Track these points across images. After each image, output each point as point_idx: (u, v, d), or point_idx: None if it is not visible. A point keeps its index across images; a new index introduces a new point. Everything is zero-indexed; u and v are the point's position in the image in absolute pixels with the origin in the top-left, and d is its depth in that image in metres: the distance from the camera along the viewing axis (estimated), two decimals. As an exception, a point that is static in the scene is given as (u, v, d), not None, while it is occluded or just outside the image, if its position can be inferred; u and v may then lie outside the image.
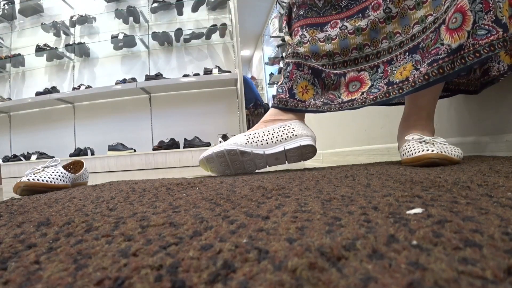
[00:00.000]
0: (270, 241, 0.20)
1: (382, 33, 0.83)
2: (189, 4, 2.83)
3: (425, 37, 0.75)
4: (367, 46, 0.84)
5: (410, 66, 0.77)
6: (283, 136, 0.83)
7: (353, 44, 0.86)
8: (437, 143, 0.69)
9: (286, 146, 0.82)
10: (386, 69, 0.82)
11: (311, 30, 0.91)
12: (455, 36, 0.68)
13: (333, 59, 0.88)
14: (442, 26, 0.71)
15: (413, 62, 0.77)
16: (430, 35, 0.74)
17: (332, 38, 0.87)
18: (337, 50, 0.88)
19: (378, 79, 0.83)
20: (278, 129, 0.85)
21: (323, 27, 0.90)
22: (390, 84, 0.79)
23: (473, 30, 0.66)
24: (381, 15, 0.81)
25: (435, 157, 0.63)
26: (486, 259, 0.15)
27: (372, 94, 0.82)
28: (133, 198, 0.45)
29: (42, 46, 2.91)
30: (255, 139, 0.83)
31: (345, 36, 0.86)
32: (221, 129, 2.77)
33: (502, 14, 0.65)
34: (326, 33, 0.88)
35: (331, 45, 0.88)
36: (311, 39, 0.90)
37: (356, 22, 0.84)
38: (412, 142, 0.71)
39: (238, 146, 0.81)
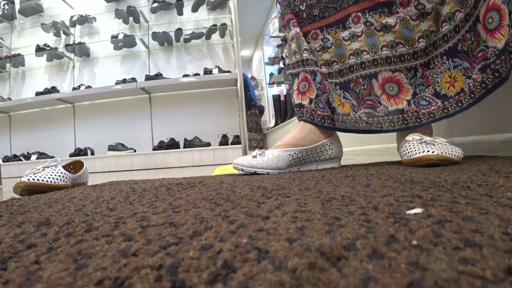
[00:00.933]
0: (270, 241, 0.20)
1: (417, 32, 0.76)
2: (189, 4, 2.83)
3: (461, 38, 0.71)
4: (400, 44, 0.78)
5: (461, 76, 0.72)
6: (321, 157, 0.87)
7: (382, 42, 0.80)
8: (438, 143, 0.69)
9: (319, 166, 0.88)
10: (425, 74, 0.77)
11: (333, 30, 0.85)
12: (497, 35, 0.65)
13: (361, 58, 0.82)
14: (478, 25, 0.67)
15: (461, 70, 0.71)
16: (467, 36, 0.69)
17: (358, 35, 0.82)
18: (364, 48, 0.82)
19: (419, 85, 0.78)
20: (319, 148, 0.87)
21: (344, 23, 0.83)
22: (442, 97, 0.74)
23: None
24: (413, 12, 0.75)
25: (436, 158, 0.64)
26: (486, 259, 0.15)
27: (423, 108, 0.76)
28: (133, 198, 0.45)
29: (42, 46, 2.91)
30: (297, 160, 0.85)
31: (372, 33, 0.81)
32: (221, 129, 2.77)
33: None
34: (349, 30, 0.83)
35: (357, 43, 0.82)
36: (335, 41, 0.85)
37: (382, 18, 0.78)
38: (412, 143, 0.71)
39: (280, 170, 0.83)
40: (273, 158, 0.82)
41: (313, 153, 0.86)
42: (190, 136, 2.73)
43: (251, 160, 0.82)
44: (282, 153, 0.83)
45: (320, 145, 0.87)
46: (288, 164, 0.84)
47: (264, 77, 5.01)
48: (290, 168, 0.85)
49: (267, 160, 0.82)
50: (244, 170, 0.83)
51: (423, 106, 0.76)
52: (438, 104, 0.74)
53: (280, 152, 0.83)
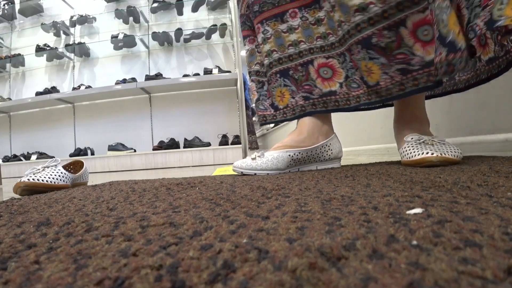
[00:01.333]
0: (270, 241, 0.20)
1: (335, 21, 0.81)
2: (189, 4, 2.83)
3: (377, 32, 0.70)
4: (330, 34, 0.84)
5: (377, 69, 0.74)
6: (320, 158, 0.89)
7: (316, 33, 0.86)
8: (436, 143, 0.69)
9: (319, 166, 0.90)
10: (352, 58, 0.81)
11: (272, 23, 0.90)
12: (429, 48, 0.66)
13: (299, 47, 0.89)
14: (401, 28, 0.67)
15: (378, 64, 0.73)
16: (386, 33, 0.69)
17: (295, 28, 0.88)
18: (301, 39, 0.89)
19: (350, 69, 0.82)
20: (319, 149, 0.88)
21: (282, 17, 0.89)
22: (367, 84, 0.77)
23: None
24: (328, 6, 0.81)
25: (435, 160, 0.64)
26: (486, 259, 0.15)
27: (354, 90, 0.81)
28: (133, 198, 0.45)
29: (42, 46, 2.91)
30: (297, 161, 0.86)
31: (308, 27, 0.87)
32: (221, 129, 2.77)
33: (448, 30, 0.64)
34: (287, 23, 0.89)
35: (295, 35, 0.89)
36: (274, 32, 0.90)
37: (315, 13, 0.85)
38: (411, 144, 0.71)
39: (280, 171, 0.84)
40: (272, 159, 0.83)
41: (313, 154, 0.87)
42: (190, 136, 2.73)
43: (251, 162, 0.83)
44: (282, 154, 0.83)
45: (319, 145, 0.87)
46: (288, 165, 0.84)
47: (264, 77, 4.99)
48: (290, 169, 0.85)
49: (267, 162, 0.82)
50: (244, 173, 0.83)
51: (354, 88, 0.81)
52: (364, 89, 0.79)
53: (279, 153, 0.83)
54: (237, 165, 0.84)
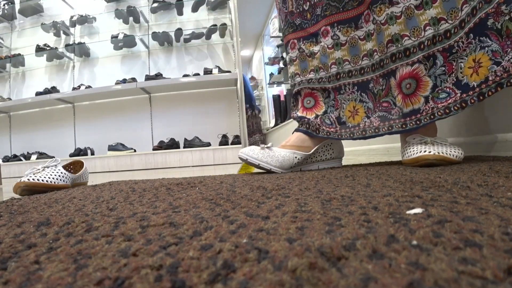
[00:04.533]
0: (270, 241, 0.20)
1: (331, 58, 0.85)
2: (189, 4, 2.83)
3: (375, 78, 0.77)
4: (321, 69, 0.89)
5: (362, 111, 0.80)
6: (322, 157, 0.89)
7: (310, 66, 0.91)
8: (438, 143, 0.69)
9: (320, 166, 0.90)
10: (336, 97, 0.86)
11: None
12: (407, 101, 0.71)
13: (294, 78, 0.92)
14: (392, 78, 0.74)
15: (364, 107, 0.79)
16: (380, 81, 0.76)
17: (293, 59, 0.93)
18: (297, 71, 0.93)
19: (331, 106, 0.87)
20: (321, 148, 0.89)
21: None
22: (342, 125, 0.84)
23: (433, 94, 0.68)
24: (329, 41, 0.84)
25: (432, 158, 0.64)
26: (486, 259, 0.15)
27: (326, 126, 0.87)
28: (133, 198, 0.45)
29: (42, 46, 2.91)
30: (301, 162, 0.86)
31: (304, 59, 0.91)
32: (221, 129, 2.77)
33: (463, 74, 0.63)
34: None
35: (293, 67, 0.94)
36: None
37: (311, 46, 0.89)
38: (412, 143, 0.71)
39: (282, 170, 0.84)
40: (278, 156, 0.84)
41: (315, 154, 0.87)
42: (190, 136, 2.73)
43: (258, 152, 0.83)
44: (289, 155, 0.85)
45: (321, 145, 0.88)
46: (292, 166, 0.85)
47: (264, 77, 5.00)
48: (293, 168, 0.86)
49: (273, 157, 0.83)
50: (249, 160, 0.83)
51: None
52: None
53: (286, 153, 0.85)
54: (244, 152, 0.85)
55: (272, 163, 0.82)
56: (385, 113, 0.76)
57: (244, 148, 0.86)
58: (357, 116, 0.80)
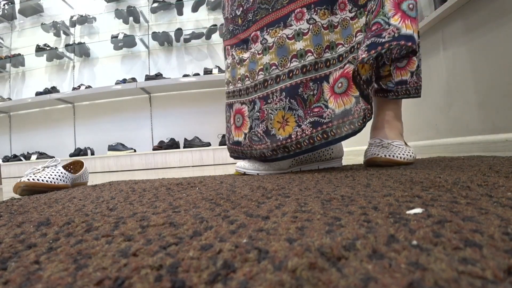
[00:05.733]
0: (270, 241, 0.20)
1: (259, 65, 0.77)
2: (189, 4, 2.83)
3: (305, 82, 0.72)
4: (247, 77, 0.81)
5: (292, 120, 0.73)
6: (322, 157, 0.88)
7: (238, 74, 0.84)
8: (393, 146, 0.76)
9: (320, 166, 0.89)
10: (263, 108, 0.77)
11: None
12: (339, 101, 0.71)
13: (228, 87, 0.86)
14: (324, 82, 0.72)
15: (294, 115, 0.73)
16: (311, 85, 0.72)
17: (228, 66, 0.86)
18: (229, 78, 0.86)
19: (255, 119, 0.79)
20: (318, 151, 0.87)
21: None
22: (272, 138, 0.75)
23: None
24: (259, 47, 0.77)
25: (379, 161, 0.73)
26: (486, 259, 0.15)
27: (256, 144, 0.79)
28: (133, 198, 0.45)
29: (42, 46, 2.91)
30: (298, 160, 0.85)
31: (234, 66, 0.85)
32: (221, 129, 2.76)
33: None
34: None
35: (227, 73, 0.87)
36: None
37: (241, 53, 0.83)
38: (371, 145, 0.79)
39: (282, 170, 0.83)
40: None
41: (314, 154, 0.87)
42: (190, 136, 2.73)
43: (253, 162, 0.83)
44: None
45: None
46: (290, 165, 0.84)
47: (264, 77, 4.99)
48: (292, 168, 0.85)
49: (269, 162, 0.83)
50: (247, 173, 0.83)
51: (255, 142, 0.76)
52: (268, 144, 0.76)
53: None
54: (240, 165, 0.85)
55: (271, 168, 0.82)
56: (317, 118, 0.71)
57: (239, 162, 0.85)
58: (287, 126, 0.73)
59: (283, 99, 0.73)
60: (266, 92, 0.76)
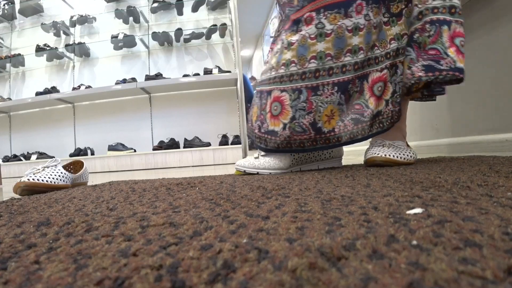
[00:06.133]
0: (270, 241, 0.20)
1: (311, 51, 0.73)
2: (189, 4, 2.83)
3: (353, 79, 0.73)
4: (293, 63, 0.75)
5: (337, 115, 0.74)
6: (321, 157, 0.88)
7: (283, 59, 0.75)
8: (394, 146, 0.77)
9: (320, 166, 0.89)
10: (310, 99, 0.74)
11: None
12: (377, 103, 0.74)
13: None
14: (365, 81, 0.74)
15: (340, 109, 0.74)
16: (357, 82, 0.74)
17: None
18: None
19: (300, 110, 0.75)
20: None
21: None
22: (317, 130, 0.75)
23: (392, 98, 0.74)
24: (313, 30, 0.71)
25: (379, 160, 0.73)
26: (486, 259, 0.15)
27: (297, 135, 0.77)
28: (133, 198, 0.45)
29: (42, 46, 2.90)
30: (299, 160, 0.86)
31: (281, 52, 0.76)
32: (221, 129, 2.76)
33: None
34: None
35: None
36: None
37: (290, 36, 0.76)
38: (372, 145, 0.79)
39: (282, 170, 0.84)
40: (274, 158, 0.83)
41: (314, 153, 0.87)
42: (190, 136, 2.73)
43: (253, 161, 0.83)
44: (284, 154, 0.84)
45: None
46: (290, 164, 0.84)
47: (264, 77, 4.99)
48: (292, 168, 0.85)
49: (269, 161, 0.82)
50: (247, 172, 0.83)
51: (298, 133, 0.76)
52: (312, 135, 0.76)
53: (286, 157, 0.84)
54: (240, 164, 0.85)
55: (270, 167, 0.82)
56: (358, 116, 0.74)
57: (239, 160, 0.85)
58: (332, 120, 0.74)
59: (335, 94, 0.72)
60: (316, 83, 0.72)
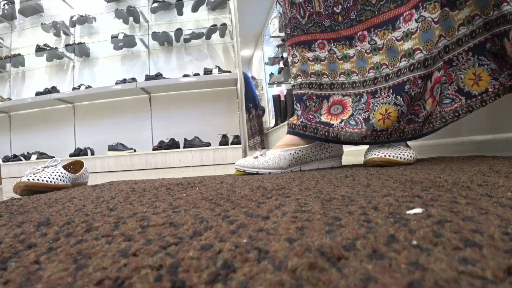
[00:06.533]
0: (270, 241, 0.20)
1: (369, 63, 0.82)
2: (189, 4, 2.83)
3: (412, 79, 0.73)
4: (354, 73, 0.85)
5: (395, 115, 0.75)
6: (321, 156, 0.89)
7: (341, 69, 0.87)
8: (394, 146, 0.77)
9: (320, 165, 0.89)
10: (369, 101, 0.82)
11: (300, 48, 0.91)
12: (433, 104, 0.76)
13: (321, 79, 0.89)
14: (428, 82, 0.73)
15: (398, 110, 0.75)
16: (419, 82, 0.72)
17: (321, 59, 0.89)
18: (325, 71, 0.89)
19: (359, 109, 0.83)
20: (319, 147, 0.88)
21: (310, 45, 0.90)
22: (369, 126, 0.78)
23: (439, 99, 0.76)
24: (367, 46, 0.82)
25: (378, 160, 0.74)
26: (486, 259, 0.15)
27: (350, 127, 0.81)
28: (133, 198, 0.45)
29: (42, 46, 2.90)
30: (298, 159, 0.86)
31: (334, 60, 0.88)
32: (221, 129, 2.76)
33: (464, 84, 0.74)
34: (314, 52, 0.89)
35: (320, 66, 0.89)
36: (301, 58, 0.91)
37: (344, 49, 0.86)
38: (371, 146, 0.80)
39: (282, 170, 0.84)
40: (274, 158, 0.83)
41: (313, 152, 0.87)
42: (190, 136, 2.73)
43: (253, 161, 0.83)
44: (283, 153, 0.84)
45: (319, 143, 0.87)
46: (290, 164, 0.84)
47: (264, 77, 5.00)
48: (292, 168, 0.85)
49: (268, 160, 0.82)
50: (247, 171, 0.83)
51: (351, 125, 0.81)
52: (361, 128, 0.79)
53: (281, 152, 0.84)
54: (239, 164, 0.85)
55: (270, 167, 0.82)
56: (414, 116, 0.77)
57: (239, 160, 0.86)
58: (388, 120, 0.76)
59: (390, 95, 0.77)
60: (375, 88, 0.81)
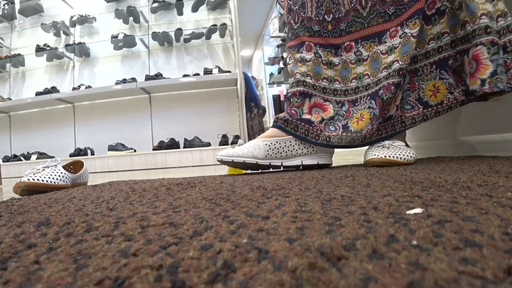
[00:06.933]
0: (270, 241, 0.20)
1: (353, 73, 0.87)
2: (189, 4, 2.82)
3: (386, 85, 0.78)
4: (337, 81, 0.89)
5: (367, 117, 0.80)
6: (303, 151, 0.87)
7: (324, 74, 0.91)
8: (394, 147, 0.78)
9: (304, 161, 0.87)
10: (350, 109, 0.86)
11: (291, 51, 0.97)
12: (394, 108, 0.80)
13: (305, 78, 0.92)
14: (398, 89, 0.78)
15: (371, 113, 0.80)
16: (392, 88, 0.77)
17: (307, 60, 0.92)
18: (310, 72, 0.92)
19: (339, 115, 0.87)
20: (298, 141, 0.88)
21: (299, 48, 0.94)
22: (346, 130, 0.83)
23: (401, 104, 0.80)
24: (352, 57, 0.87)
25: (378, 161, 0.74)
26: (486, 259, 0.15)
27: (329, 132, 0.85)
28: (133, 198, 0.45)
29: (42, 46, 2.90)
30: (275, 151, 0.86)
31: (319, 64, 0.91)
32: (221, 129, 2.76)
33: (424, 94, 0.79)
34: (301, 54, 0.93)
35: (305, 67, 0.93)
36: (293, 60, 0.96)
37: (329, 56, 0.90)
38: (371, 146, 0.81)
39: (257, 160, 0.85)
40: (249, 147, 0.85)
41: (293, 146, 0.86)
42: (190, 136, 2.73)
43: (230, 150, 0.86)
44: (258, 143, 0.86)
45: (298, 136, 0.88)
46: (266, 155, 0.85)
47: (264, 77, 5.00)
48: (271, 161, 0.85)
49: (243, 149, 0.85)
50: (223, 160, 0.85)
51: (330, 131, 0.85)
52: (338, 132, 0.83)
53: (256, 142, 0.86)
54: (219, 154, 0.87)
55: (244, 155, 0.84)
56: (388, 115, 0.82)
57: (220, 151, 0.88)
58: (361, 121, 0.81)
59: (367, 101, 0.82)
60: (355, 97, 0.86)
